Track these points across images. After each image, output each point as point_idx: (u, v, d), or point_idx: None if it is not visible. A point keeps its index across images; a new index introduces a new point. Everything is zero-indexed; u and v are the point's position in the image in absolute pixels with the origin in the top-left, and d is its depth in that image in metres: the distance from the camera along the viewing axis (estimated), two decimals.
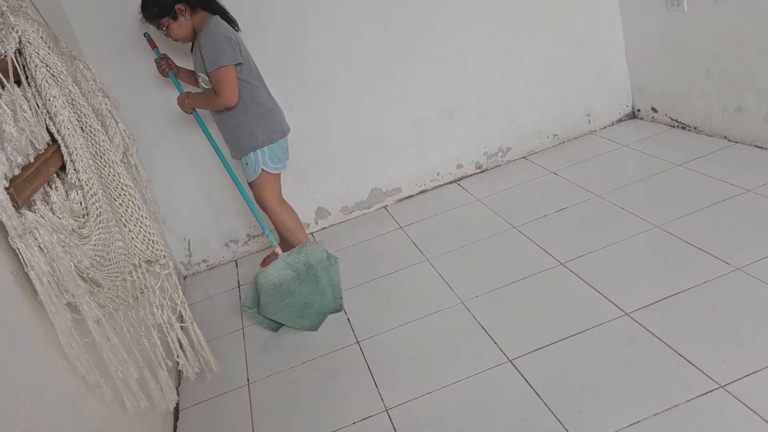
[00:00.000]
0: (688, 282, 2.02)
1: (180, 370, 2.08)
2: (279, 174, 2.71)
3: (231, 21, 2.56)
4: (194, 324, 2.09)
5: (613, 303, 2.03)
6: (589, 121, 3.46)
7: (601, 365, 1.80)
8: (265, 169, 2.63)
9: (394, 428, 1.80)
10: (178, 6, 2.42)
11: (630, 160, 3.04)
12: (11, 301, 1.27)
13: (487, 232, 2.74)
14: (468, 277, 2.44)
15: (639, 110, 3.45)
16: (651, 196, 2.66)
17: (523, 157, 3.42)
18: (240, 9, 2.69)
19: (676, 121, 3.18)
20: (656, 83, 3.24)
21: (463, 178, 3.39)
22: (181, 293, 2.03)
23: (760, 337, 1.72)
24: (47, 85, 1.64)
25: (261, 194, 2.68)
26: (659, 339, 1.81)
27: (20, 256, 1.28)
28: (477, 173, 3.40)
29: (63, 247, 1.40)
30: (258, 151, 2.58)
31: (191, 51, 2.59)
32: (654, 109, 3.32)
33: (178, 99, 2.64)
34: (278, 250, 2.53)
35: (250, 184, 2.69)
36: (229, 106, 2.47)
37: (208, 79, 2.47)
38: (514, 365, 1.89)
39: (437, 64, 3.14)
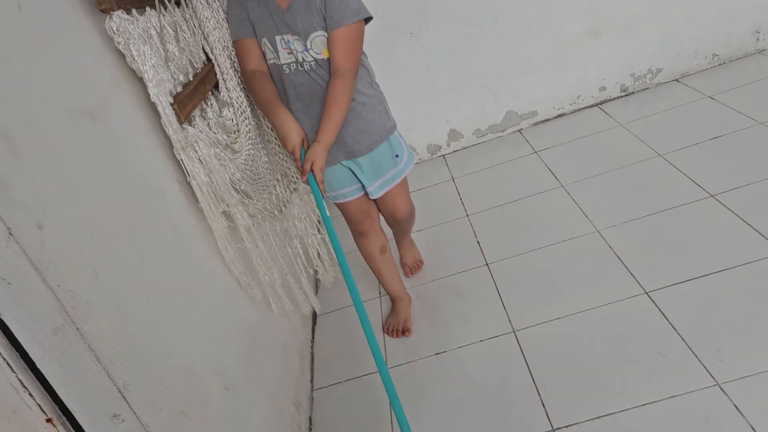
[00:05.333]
0: None
1: (318, 279, 2.23)
2: None
3: None
4: None
5: None
6: (758, 39, 3.08)
7: (748, 306, 1.69)
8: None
9: (521, 349, 1.83)
10: None
11: None
12: (179, 206, 1.41)
13: (629, 159, 2.59)
14: (606, 206, 2.34)
15: None
16: None
17: (676, 80, 3.15)
18: None
19: None
20: None
21: (605, 101, 3.20)
22: None
23: None
24: (201, 6, 1.74)
25: (408, 195, 2.09)
26: None
27: (183, 167, 1.41)
28: (621, 96, 3.19)
29: (218, 160, 1.53)
30: (396, 131, 1.92)
31: (283, 8, 1.69)
32: None
33: (315, 161, 1.67)
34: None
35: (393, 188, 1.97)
36: (351, 85, 1.71)
37: (320, 45, 1.68)
38: (650, 298, 1.83)
39: None
